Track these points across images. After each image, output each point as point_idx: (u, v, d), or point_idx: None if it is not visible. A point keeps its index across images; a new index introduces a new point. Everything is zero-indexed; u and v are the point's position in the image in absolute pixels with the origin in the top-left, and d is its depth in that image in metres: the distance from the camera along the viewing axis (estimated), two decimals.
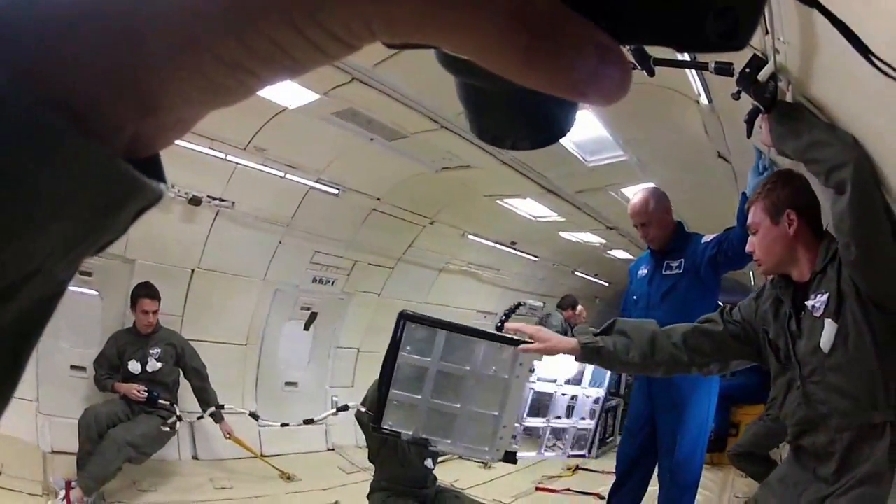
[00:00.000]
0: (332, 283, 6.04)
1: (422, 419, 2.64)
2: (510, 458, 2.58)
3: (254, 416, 4.67)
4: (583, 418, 2.83)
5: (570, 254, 8.31)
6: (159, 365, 4.41)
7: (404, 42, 0.24)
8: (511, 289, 8.12)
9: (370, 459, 3.38)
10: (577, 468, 6.10)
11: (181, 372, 4.57)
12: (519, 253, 7.63)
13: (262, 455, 5.03)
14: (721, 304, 3.76)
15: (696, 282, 3.17)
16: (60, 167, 0.22)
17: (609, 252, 8.36)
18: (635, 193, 3.44)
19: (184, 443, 4.97)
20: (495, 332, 2.83)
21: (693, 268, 3.18)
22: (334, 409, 4.82)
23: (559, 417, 2.79)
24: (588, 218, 6.70)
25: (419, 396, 2.63)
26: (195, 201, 4.62)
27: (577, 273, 9.11)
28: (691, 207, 4.98)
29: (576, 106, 0.29)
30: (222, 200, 4.75)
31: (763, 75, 1.85)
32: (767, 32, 1.82)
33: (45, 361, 4.36)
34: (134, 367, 4.34)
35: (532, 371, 2.54)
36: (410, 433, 2.64)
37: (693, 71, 2.99)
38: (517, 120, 0.30)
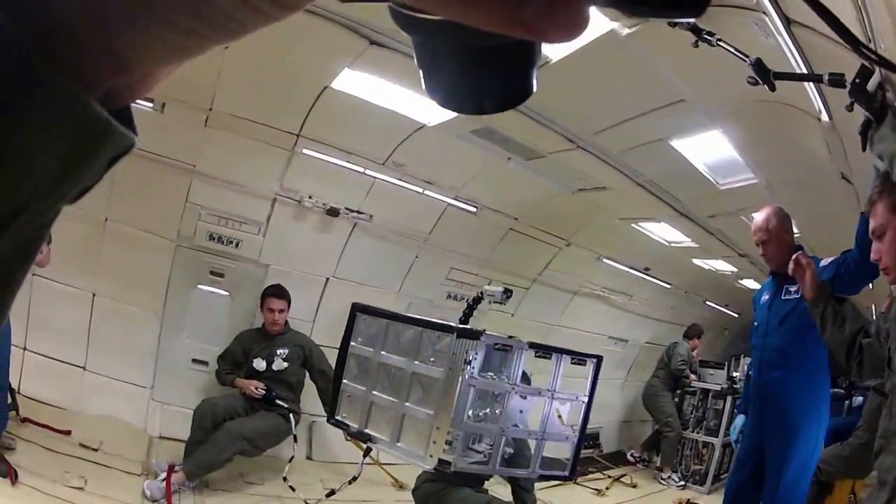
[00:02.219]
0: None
1: (366, 413, 2.55)
2: (443, 467, 2.33)
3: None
4: (565, 435, 2.52)
5: (701, 282, 7.95)
6: (285, 365, 4.53)
7: None
8: (640, 314, 7.82)
9: None
10: (689, 502, 6.10)
11: (307, 374, 4.70)
12: (651, 279, 7.37)
13: (378, 461, 5.10)
14: None
15: None
16: (47, 106, 0.24)
17: (740, 281, 7.90)
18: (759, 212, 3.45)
19: (299, 441, 5.01)
20: (434, 320, 2.65)
21: None
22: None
23: (516, 426, 2.45)
24: (720, 244, 6.48)
25: (364, 388, 2.53)
26: (333, 212, 4.78)
27: (707, 303, 8.66)
28: (814, 230, 4.88)
29: (534, 65, 0.28)
30: (360, 213, 4.89)
31: (871, 85, 1.79)
32: (870, 41, 1.77)
33: (166, 352, 4.59)
34: (259, 364, 4.48)
35: (468, 363, 2.30)
36: (357, 426, 2.54)
37: (812, 86, 2.93)
38: (475, 80, 0.29)
